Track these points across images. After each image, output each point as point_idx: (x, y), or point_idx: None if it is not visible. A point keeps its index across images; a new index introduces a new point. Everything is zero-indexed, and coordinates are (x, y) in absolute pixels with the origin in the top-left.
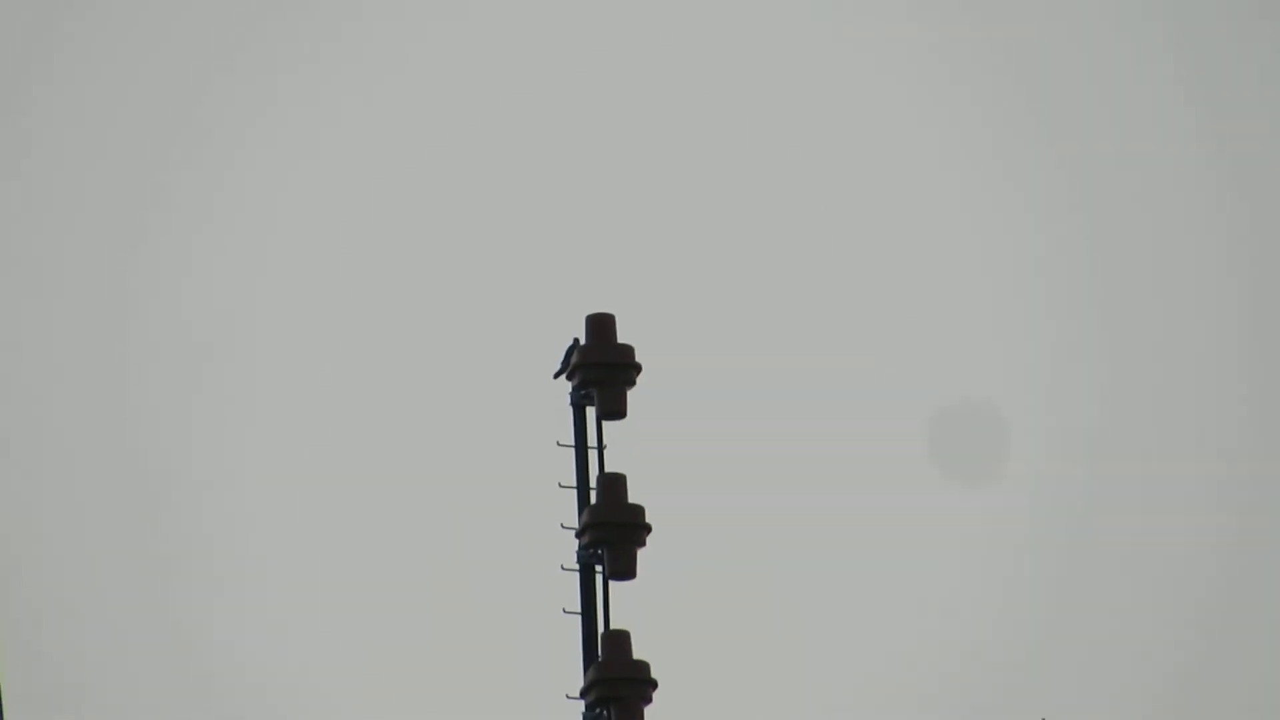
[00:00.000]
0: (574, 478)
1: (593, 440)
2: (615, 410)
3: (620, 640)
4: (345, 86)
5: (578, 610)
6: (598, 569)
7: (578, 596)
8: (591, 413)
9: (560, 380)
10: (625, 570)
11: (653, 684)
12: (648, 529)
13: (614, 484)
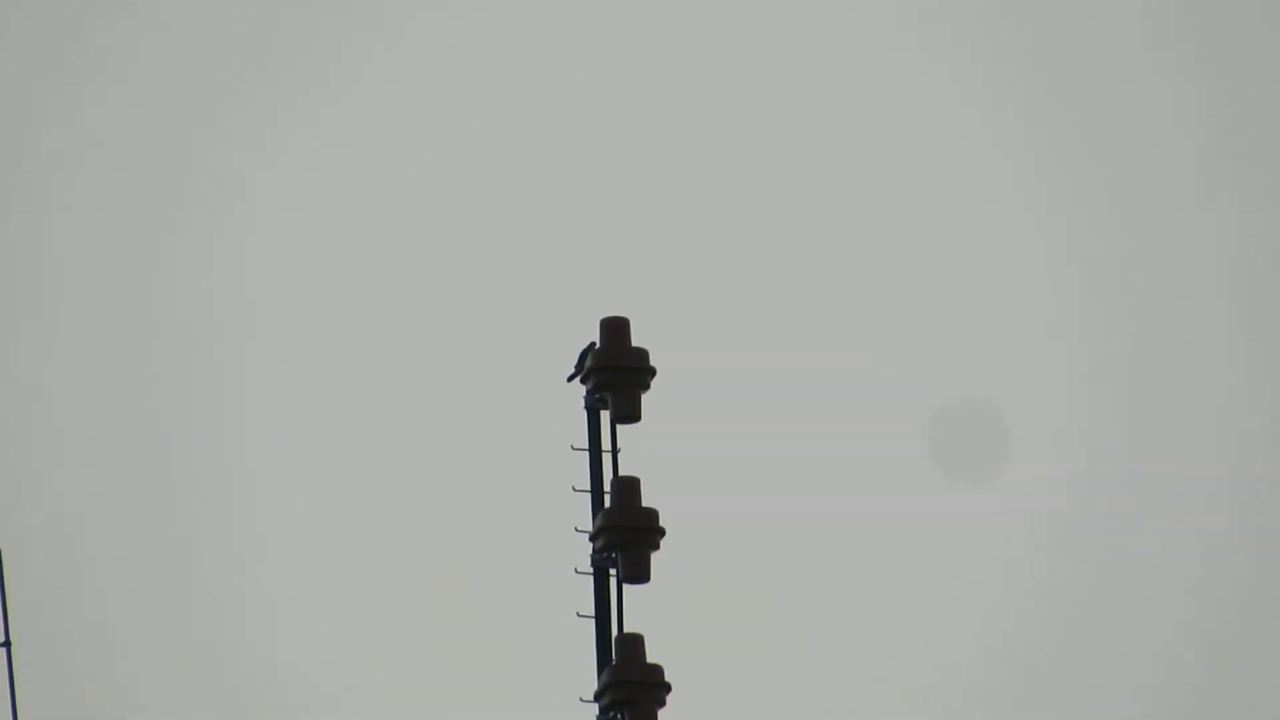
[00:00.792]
0: (588, 481)
1: (607, 444)
2: (629, 414)
3: (634, 644)
4: (362, 87)
5: (591, 614)
6: (611, 572)
7: (591, 600)
8: (606, 416)
9: (574, 384)
10: (639, 574)
11: (666, 687)
12: (662, 532)
13: (628, 487)
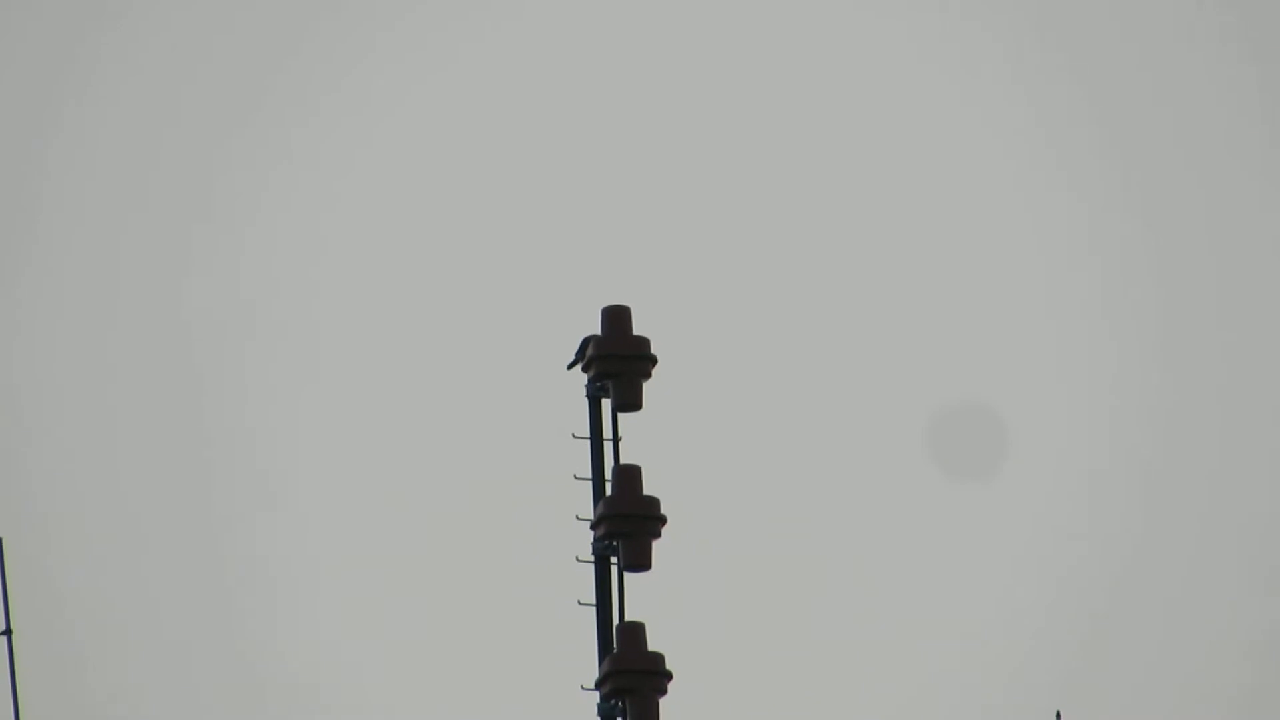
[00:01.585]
0: (589, 469)
1: (608, 432)
2: (631, 402)
3: (635, 632)
4: (361, 81)
5: (592, 602)
6: (613, 561)
7: (593, 588)
8: (607, 404)
9: (574, 372)
10: (640, 562)
11: (668, 676)
12: (663, 521)
13: (629, 476)
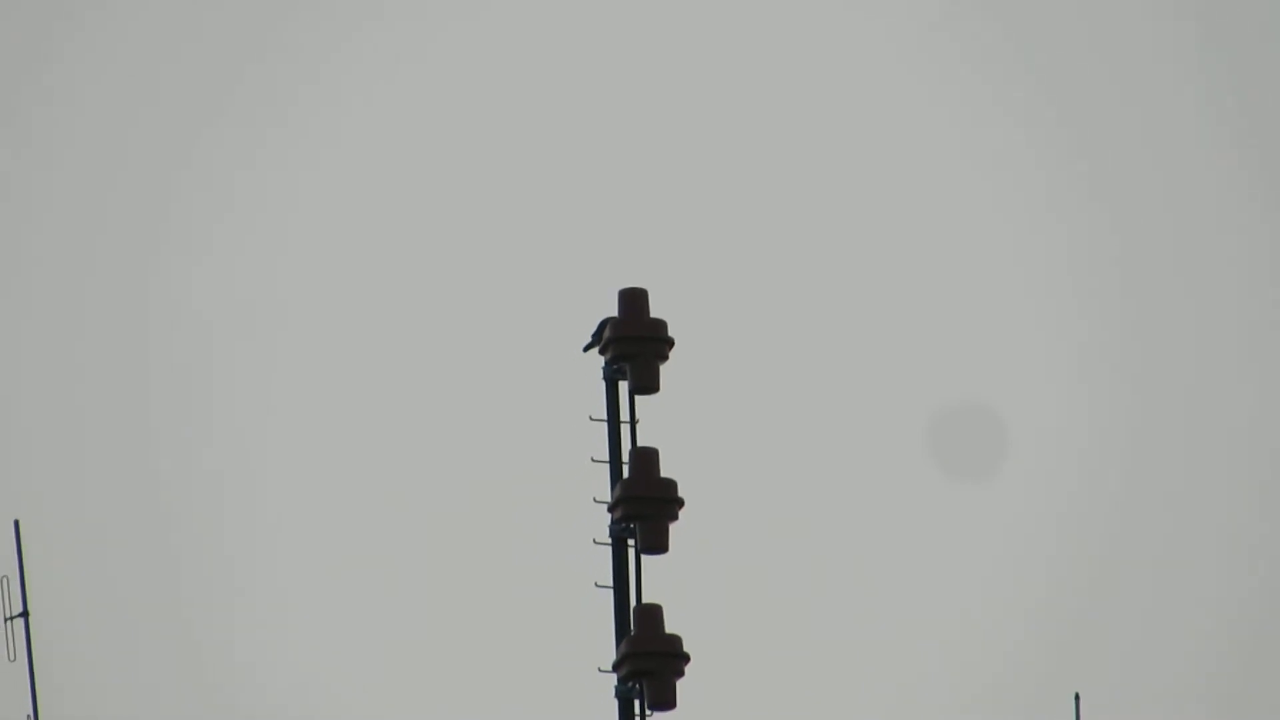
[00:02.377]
0: (606, 452)
1: (625, 415)
2: (648, 385)
3: (652, 614)
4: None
5: (610, 584)
6: (630, 543)
7: (610, 570)
8: (624, 387)
9: (591, 355)
10: (657, 544)
11: (685, 658)
12: (680, 503)
13: (646, 458)
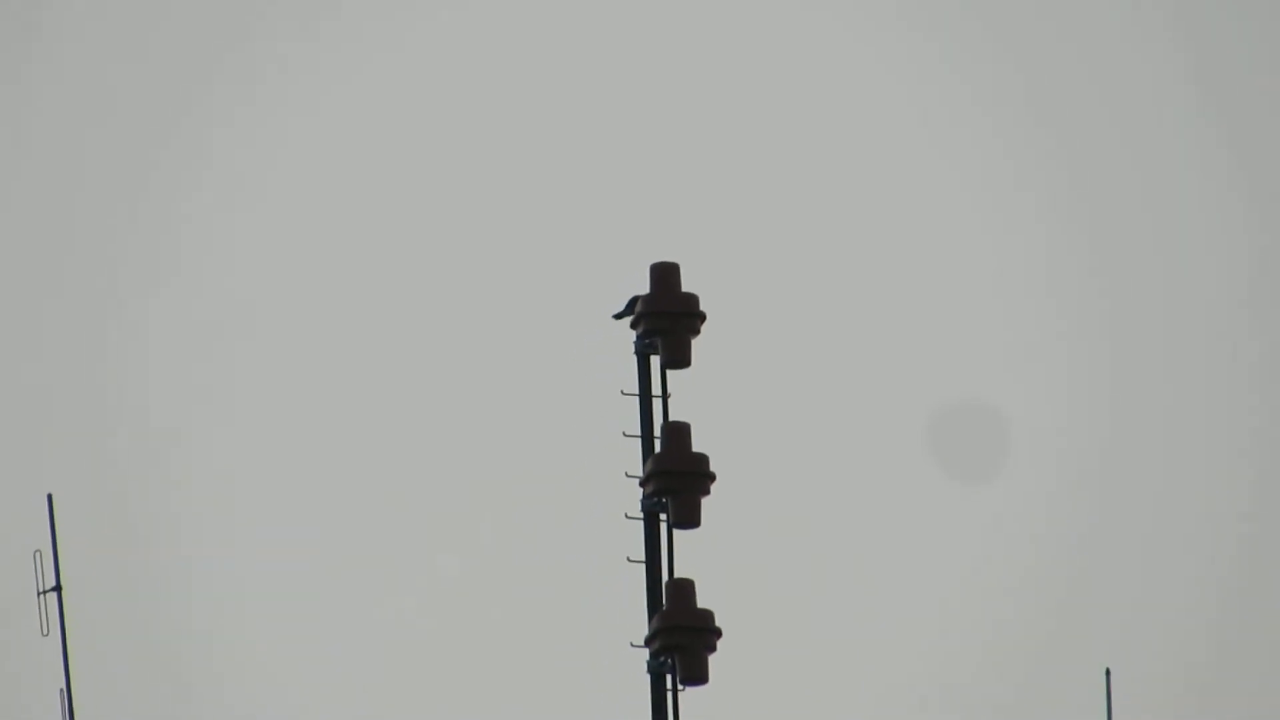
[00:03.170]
0: (638, 427)
1: (657, 389)
2: (680, 359)
3: (684, 589)
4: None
5: (642, 559)
6: (662, 518)
7: (642, 545)
8: (656, 361)
9: (622, 329)
10: (689, 519)
11: (717, 633)
12: (712, 477)
13: (678, 433)
